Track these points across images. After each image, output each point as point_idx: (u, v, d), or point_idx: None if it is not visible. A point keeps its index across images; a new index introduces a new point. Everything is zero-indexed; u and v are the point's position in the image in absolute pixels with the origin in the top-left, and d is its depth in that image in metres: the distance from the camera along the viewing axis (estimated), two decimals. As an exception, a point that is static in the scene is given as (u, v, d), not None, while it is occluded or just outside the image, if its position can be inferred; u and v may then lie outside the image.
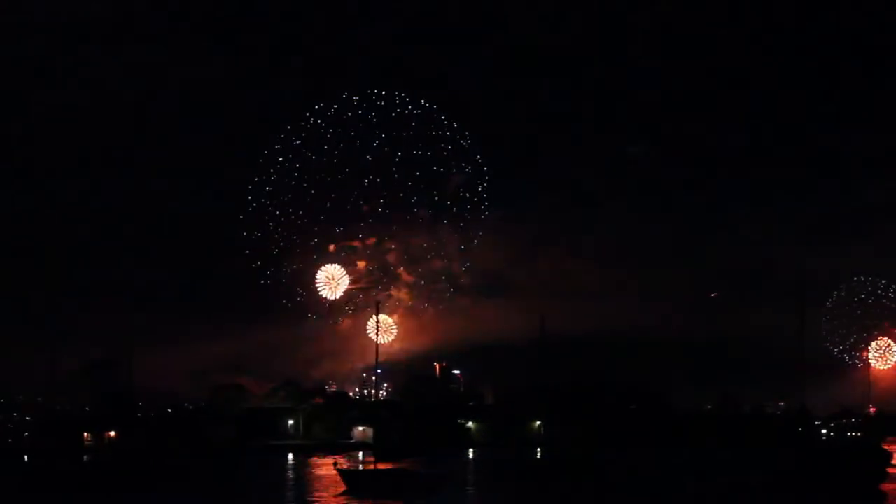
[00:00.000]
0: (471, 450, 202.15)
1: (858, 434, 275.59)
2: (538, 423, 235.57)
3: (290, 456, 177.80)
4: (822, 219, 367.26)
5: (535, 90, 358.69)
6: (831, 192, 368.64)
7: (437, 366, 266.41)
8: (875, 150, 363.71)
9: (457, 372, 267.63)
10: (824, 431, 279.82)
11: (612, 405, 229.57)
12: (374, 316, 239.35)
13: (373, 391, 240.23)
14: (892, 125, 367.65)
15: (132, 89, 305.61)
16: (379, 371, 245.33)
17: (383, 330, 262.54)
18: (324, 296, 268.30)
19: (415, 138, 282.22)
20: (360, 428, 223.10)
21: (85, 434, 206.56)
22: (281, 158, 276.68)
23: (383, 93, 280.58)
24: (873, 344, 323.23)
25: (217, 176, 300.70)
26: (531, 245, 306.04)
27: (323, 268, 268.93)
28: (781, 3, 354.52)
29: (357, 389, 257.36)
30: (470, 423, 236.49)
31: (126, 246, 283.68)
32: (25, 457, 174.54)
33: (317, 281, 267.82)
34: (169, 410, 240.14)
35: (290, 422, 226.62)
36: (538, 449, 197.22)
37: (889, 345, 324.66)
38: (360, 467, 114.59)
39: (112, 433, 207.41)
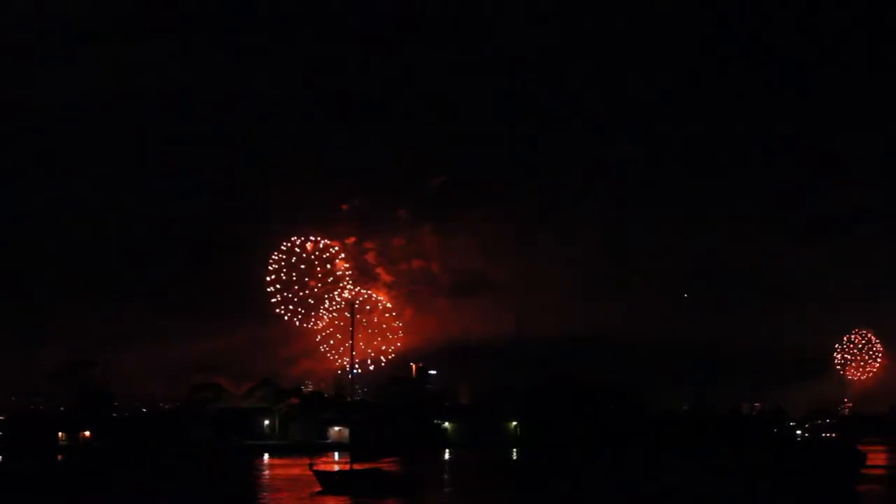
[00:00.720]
0: (447, 450, 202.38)
1: (833, 435, 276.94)
2: (514, 423, 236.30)
3: (266, 456, 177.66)
4: (802, 221, 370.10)
5: (516, 90, 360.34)
6: (813, 194, 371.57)
7: (414, 366, 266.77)
8: (855, 152, 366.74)
9: (433, 372, 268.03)
10: (799, 432, 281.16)
11: (589, 406, 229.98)
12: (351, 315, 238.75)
13: (349, 392, 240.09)
14: (874, 128, 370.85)
15: (107, 88, 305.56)
16: (355, 372, 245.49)
17: (359, 330, 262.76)
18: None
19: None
20: (336, 428, 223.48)
21: (60, 434, 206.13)
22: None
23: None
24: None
25: (196, 175, 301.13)
26: (510, 246, 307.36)
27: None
28: (762, 7, 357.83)
29: (333, 390, 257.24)
30: (446, 424, 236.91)
31: (103, 246, 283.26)
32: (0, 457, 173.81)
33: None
34: (144, 410, 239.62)
35: (267, 422, 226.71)
36: (514, 450, 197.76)
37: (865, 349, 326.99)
38: (336, 468, 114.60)
39: (87, 433, 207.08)
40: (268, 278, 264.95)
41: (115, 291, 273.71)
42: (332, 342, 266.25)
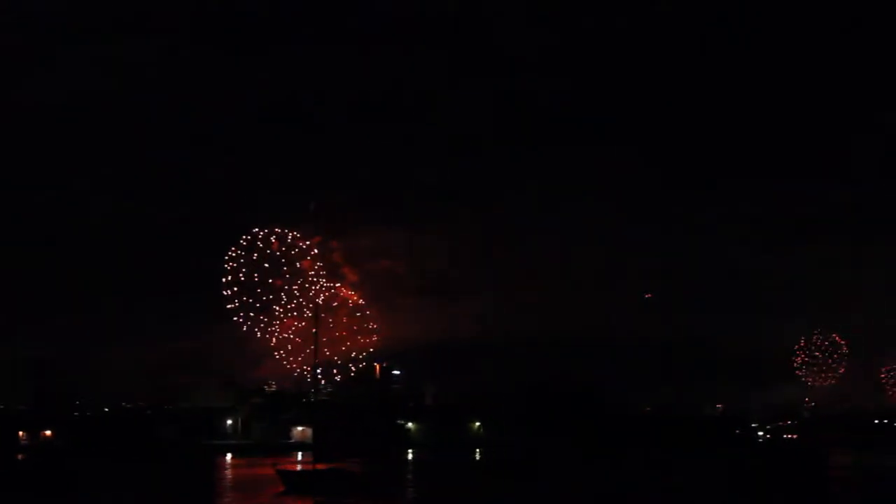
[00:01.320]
0: (410, 450, 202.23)
1: (795, 436, 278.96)
2: (478, 424, 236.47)
3: (229, 456, 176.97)
4: (770, 224, 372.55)
5: (492, 91, 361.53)
6: (783, 198, 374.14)
7: (378, 366, 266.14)
8: (826, 156, 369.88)
9: (397, 372, 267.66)
10: (762, 433, 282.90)
11: (553, 407, 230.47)
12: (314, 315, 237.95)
13: (313, 391, 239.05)
14: (848, 132, 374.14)
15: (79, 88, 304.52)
16: (319, 371, 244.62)
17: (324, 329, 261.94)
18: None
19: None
20: (300, 428, 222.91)
21: (20, 433, 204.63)
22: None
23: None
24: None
25: (162, 174, 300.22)
26: (478, 246, 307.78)
27: None
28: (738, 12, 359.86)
29: (296, 390, 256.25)
30: (410, 424, 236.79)
31: (68, 245, 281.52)
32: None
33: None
34: (107, 410, 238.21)
35: (230, 422, 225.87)
36: (478, 450, 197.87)
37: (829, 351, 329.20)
38: (299, 467, 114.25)
39: (48, 432, 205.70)
40: (225, 279, 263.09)
41: (80, 291, 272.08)
42: (296, 342, 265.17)
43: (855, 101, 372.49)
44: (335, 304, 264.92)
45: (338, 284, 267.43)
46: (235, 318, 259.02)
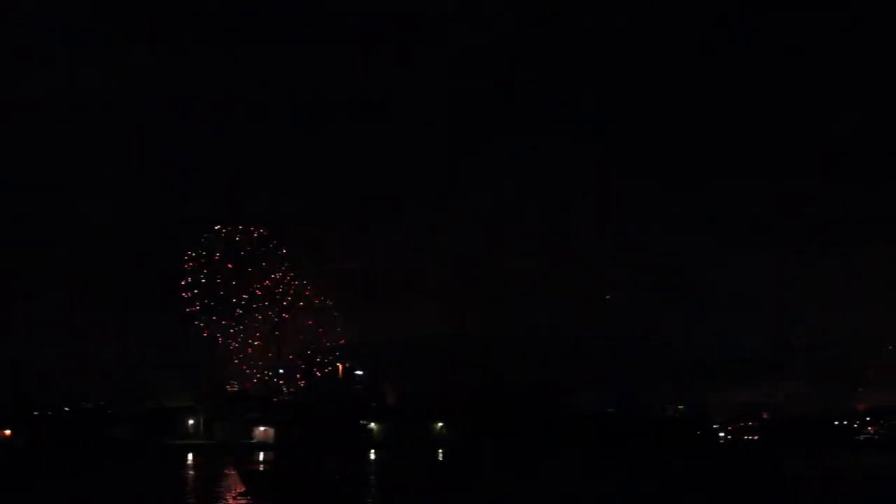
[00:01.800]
0: (372, 451, 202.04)
1: (755, 438, 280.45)
2: (440, 424, 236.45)
3: (190, 456, 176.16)
4: (738, 226, 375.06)
5: (462, 89, 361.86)
6: (742, 195, 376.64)
7: (340, 366, 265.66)
8: (783, 158, 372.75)
9: (360, 372, 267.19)
10: (722, 435, 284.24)
11: (515, 407, 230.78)
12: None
13: (275, 391, 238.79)
14: (814, 133, 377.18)
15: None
16: (281, 371, 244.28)
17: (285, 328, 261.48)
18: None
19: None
20: (262, 428, 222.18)
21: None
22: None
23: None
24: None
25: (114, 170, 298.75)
26: (444, 245, 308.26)
27: None
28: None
29: (259, 389, 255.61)
30: (372, 424, 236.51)
31: (25, 243, 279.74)
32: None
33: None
34: (67, 409, 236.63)
35: (191, 421, 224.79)
36: (440, 451, 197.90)
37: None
38: (261, 468, 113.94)
39: (7, 432, 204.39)
40: (190, 274, 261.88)
41: (40, 289, 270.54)
42: (258, 342, 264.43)
43: (822, 102, 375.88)
44: (299, 304, 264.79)
45: (304, 282, 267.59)
46: (197, 321, 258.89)
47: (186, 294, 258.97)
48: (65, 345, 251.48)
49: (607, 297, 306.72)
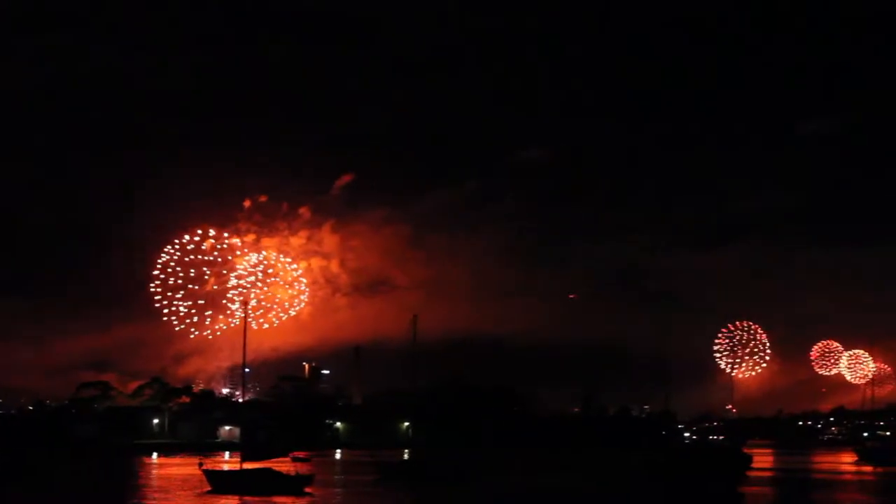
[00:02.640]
0: (338, 450, 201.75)
1: (720, 437, 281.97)
2: (406, 423, 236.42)
3: (155, 455, 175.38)
4: (700, 228, 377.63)
5: (421, 90, 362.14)
6: (708, 201, 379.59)
7: (307, 366, 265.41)
8: (747, 161, 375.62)
9: (326, 372, 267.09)
10: (687, 434, 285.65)
11: (480, 406, 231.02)
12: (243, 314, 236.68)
13: (241, 391, 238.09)
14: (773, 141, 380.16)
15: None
16: (247, 370, 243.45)
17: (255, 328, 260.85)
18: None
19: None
20: (227, 428, 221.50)
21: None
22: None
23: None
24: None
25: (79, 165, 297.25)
26: (410, 246, 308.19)
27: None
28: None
29: (225, 389, 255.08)
30: (338, 424, 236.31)
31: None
32: None
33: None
34: (31, 408, 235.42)
35: (156, 421, 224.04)
36: (405, 450, 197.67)
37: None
38: (226, 467, 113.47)
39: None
40: (157, 273, 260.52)
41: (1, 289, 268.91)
42: (225, 341, 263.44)
43: (782, 109, 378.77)
44: (266, 303, 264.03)
45: (269, 282, 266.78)
46: (165, 318, 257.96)
47: (155, 285, 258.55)
48: (28, 344, 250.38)
49: (571, 296, 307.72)
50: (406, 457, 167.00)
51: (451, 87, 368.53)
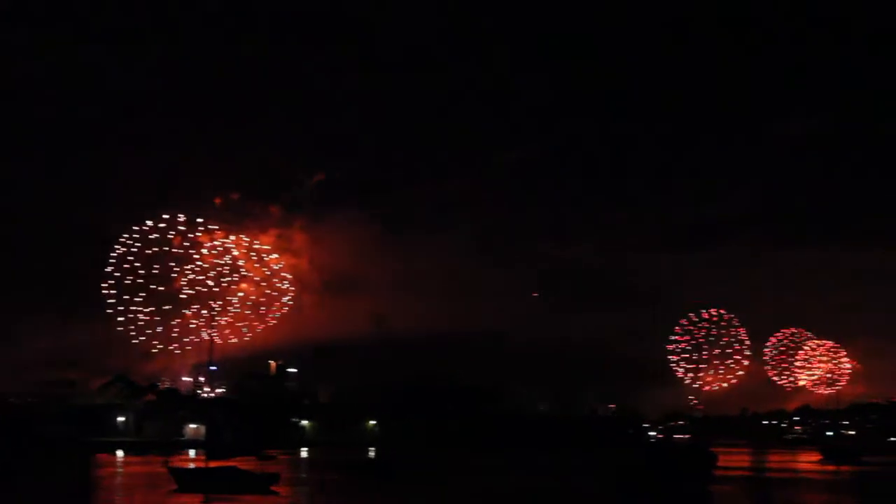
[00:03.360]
0: (304, 448, 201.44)
1: (686, 436, 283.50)
2: (372, 422, 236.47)
3: (120, 453, 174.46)
4: (671, 228, 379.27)
5: (392, 90, 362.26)
6: (680, 201, 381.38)
7: (273, 364, 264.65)
8: (723, 164, 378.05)
9: (292, 370, 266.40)
10: (653, 433, 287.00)
11: (447, 405, 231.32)
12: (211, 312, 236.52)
13: (206, 389, 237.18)
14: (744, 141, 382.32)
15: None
16: (213, 368, 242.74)
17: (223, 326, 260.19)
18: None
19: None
20: (193, 426, 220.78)
21: None
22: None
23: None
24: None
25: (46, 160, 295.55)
26: (380, 245, 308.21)
27: None
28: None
29: (191, 386, 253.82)
30: (304, 422, 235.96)
31: None
32: None
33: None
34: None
35: (121, 419, 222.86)
36: (371, 448, 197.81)
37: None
38: (192, 465, 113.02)
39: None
40: (115, 274, 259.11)
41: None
42: (191, 339, 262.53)
43: (754, 108, 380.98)
44: (232, 299, 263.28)
45: (236, 278, 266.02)
46: (135, 309, 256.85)
47: (107, 288, 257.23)
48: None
49: (534, 293, 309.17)
50: (372, 455, 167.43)
51: (422, 86, 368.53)
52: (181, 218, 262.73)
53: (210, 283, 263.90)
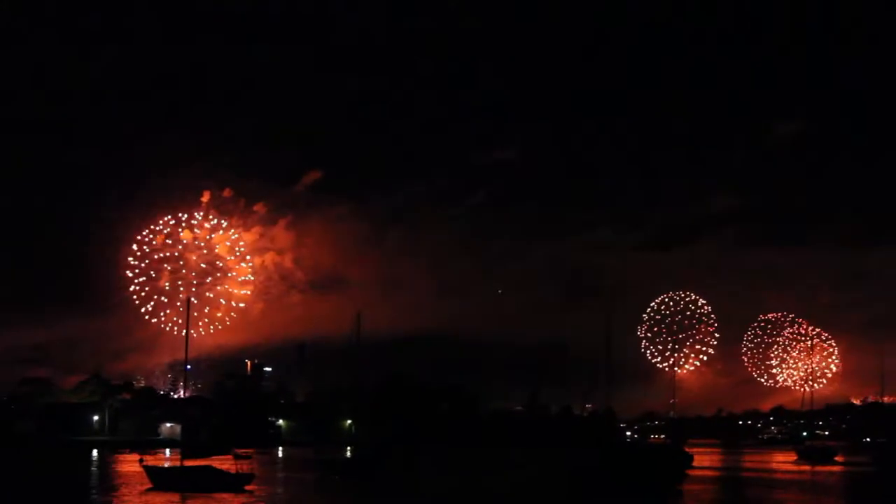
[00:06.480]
0: (280, 448, 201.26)
1: (662, 436, 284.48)
2: (349, 421, 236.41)
3: (95, 452, 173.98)
4: (650, 228, 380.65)
5: (379, 88, 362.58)
6: (657, 200, 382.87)
7: (249, 363, 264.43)
8: (705, 164, 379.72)
9: (268, 369, 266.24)
10: (629, 433, 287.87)
11: (423, 405, 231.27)
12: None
13: (182, 387, 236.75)
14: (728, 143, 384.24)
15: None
16: (189, 367, 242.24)
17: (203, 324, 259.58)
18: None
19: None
20: (168, 425, 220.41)
21: None
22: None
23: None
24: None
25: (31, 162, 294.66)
26: (365, 244, 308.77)
27: None
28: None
29: (166, 385, 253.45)
30: (280, 421, 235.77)
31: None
32: None
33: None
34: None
35: (96, 417, 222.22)
36: (348, 447, 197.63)
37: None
38: (167, 464, 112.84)
39: None
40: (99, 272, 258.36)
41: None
42: (167, 337, 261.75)
43: (741, 111, 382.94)
44: (221, 299, 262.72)
45: (218, 276, 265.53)
46: (111, 306, 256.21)
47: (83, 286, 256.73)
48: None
49: (500, 291, 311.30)
50: (348, 454, 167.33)
51: (409, 85, 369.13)
52: (167, 219, 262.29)
53: (193, 280, 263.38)
